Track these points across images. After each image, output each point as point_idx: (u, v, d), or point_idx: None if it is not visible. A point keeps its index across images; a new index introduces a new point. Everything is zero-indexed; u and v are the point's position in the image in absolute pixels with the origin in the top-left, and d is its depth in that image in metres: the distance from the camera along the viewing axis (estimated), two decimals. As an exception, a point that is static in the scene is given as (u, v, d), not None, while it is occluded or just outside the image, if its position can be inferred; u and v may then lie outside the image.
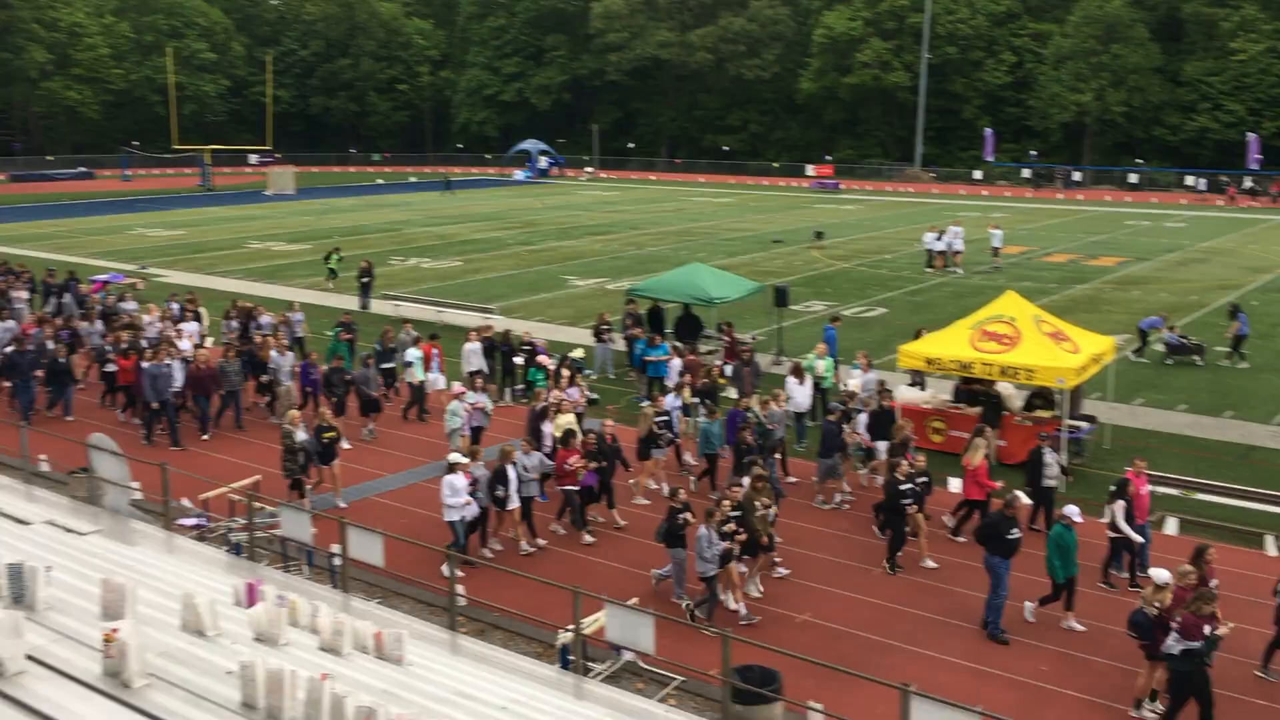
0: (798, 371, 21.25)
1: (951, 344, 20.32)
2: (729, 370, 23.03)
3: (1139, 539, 15.14)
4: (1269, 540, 16.58)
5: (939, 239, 42.92)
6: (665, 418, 18.72)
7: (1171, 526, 17.14)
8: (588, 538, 16.70)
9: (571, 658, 11.52)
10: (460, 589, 13.35)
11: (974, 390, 20.97)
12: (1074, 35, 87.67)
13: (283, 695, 6.17)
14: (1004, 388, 20.68)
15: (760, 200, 77.16)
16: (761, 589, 14.85)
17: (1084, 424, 20.27)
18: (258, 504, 14.39)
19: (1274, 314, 33.24)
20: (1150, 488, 15.66)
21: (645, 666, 12.40)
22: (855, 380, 21.16)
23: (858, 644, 13.58)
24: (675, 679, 12.16)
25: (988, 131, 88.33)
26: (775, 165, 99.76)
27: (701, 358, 24.55)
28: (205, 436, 21.68)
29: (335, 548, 13.35)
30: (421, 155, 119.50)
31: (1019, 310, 20.51)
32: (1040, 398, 20.59)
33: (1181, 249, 49.59)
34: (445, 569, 13.57)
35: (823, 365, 22.48)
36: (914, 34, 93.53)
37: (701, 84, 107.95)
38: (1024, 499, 14.60)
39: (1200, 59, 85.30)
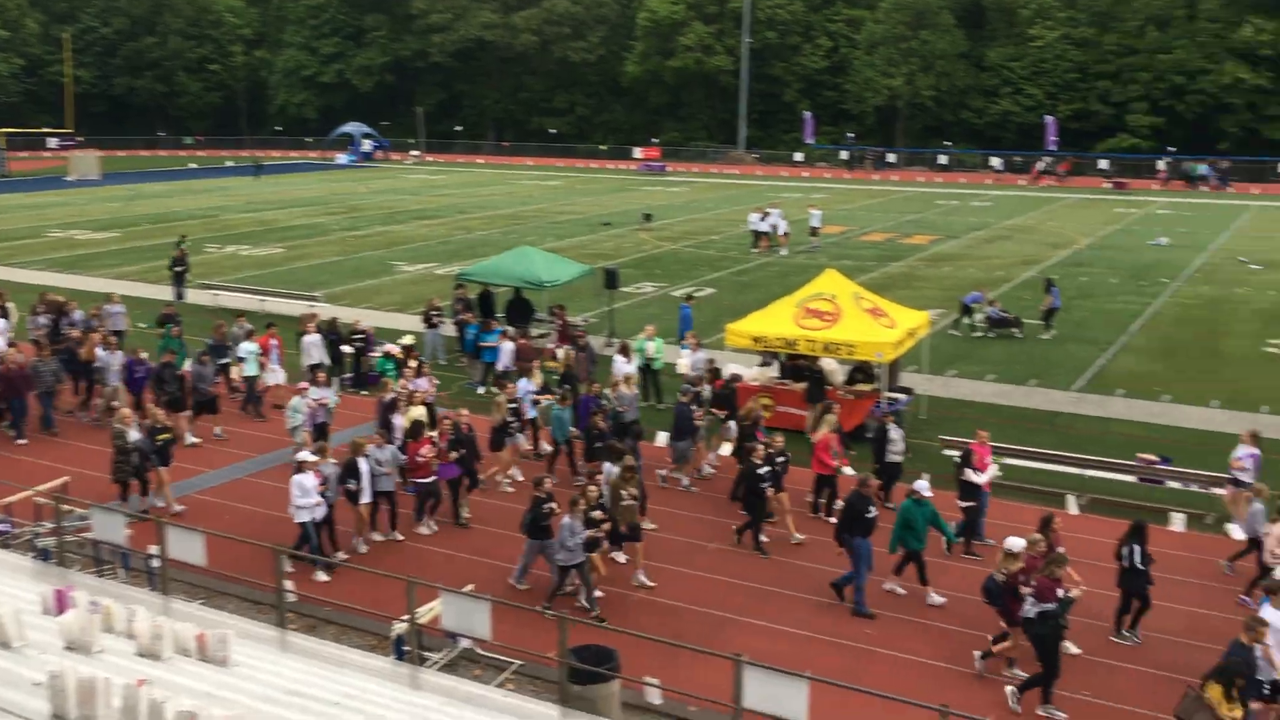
0: (625, 351, 21.43)
1: (777, 322, 20.86)
2: (562, 354, 23.05)
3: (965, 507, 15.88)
4: (1070, 499, 17.67)
5: (763, 220, 43.93)
6: (516, 405, 18.56)
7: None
8: (424, 529, 16.43)
9: (406, 648, 11.36)
10: (289, 585, 12.98)
11: (799, 366, 21.60)
12: (885, 21, 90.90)
13: (96, 704, 5.88)
14: (827, 363, 21.37)
15: (588, 183, 77.33)
16: (652, 582, 14.74)
17: (901, 396, 21.13)
18: (67, 507, 13.62)
19: (1073, 287, 35.31)
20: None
21: (483, 653, 12.33)
22: (685, 360, 21.49)
23: (696, 619, 13.85)
24: (513, 663, 12.13)
25: (807, 115, 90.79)
26: (602, 148, 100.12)
27: (534, 341, 24.48)
28: (22, 441, 20.29)
29: (153, 549, 12.76)
30: (237, 138, 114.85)
31: (839, 288, 21.21)
32: (861, 372, 21.36)
33: (988, 227, 52.16)
34: (289, 568, 13.19)
35: (652, 346, 22.73)
36: (735, 18, 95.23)
37: (527, 66, 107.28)
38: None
39: (1002, 45, 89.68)
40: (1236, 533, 16.34)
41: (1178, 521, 16.99)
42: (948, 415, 21.71)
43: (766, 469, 15.82)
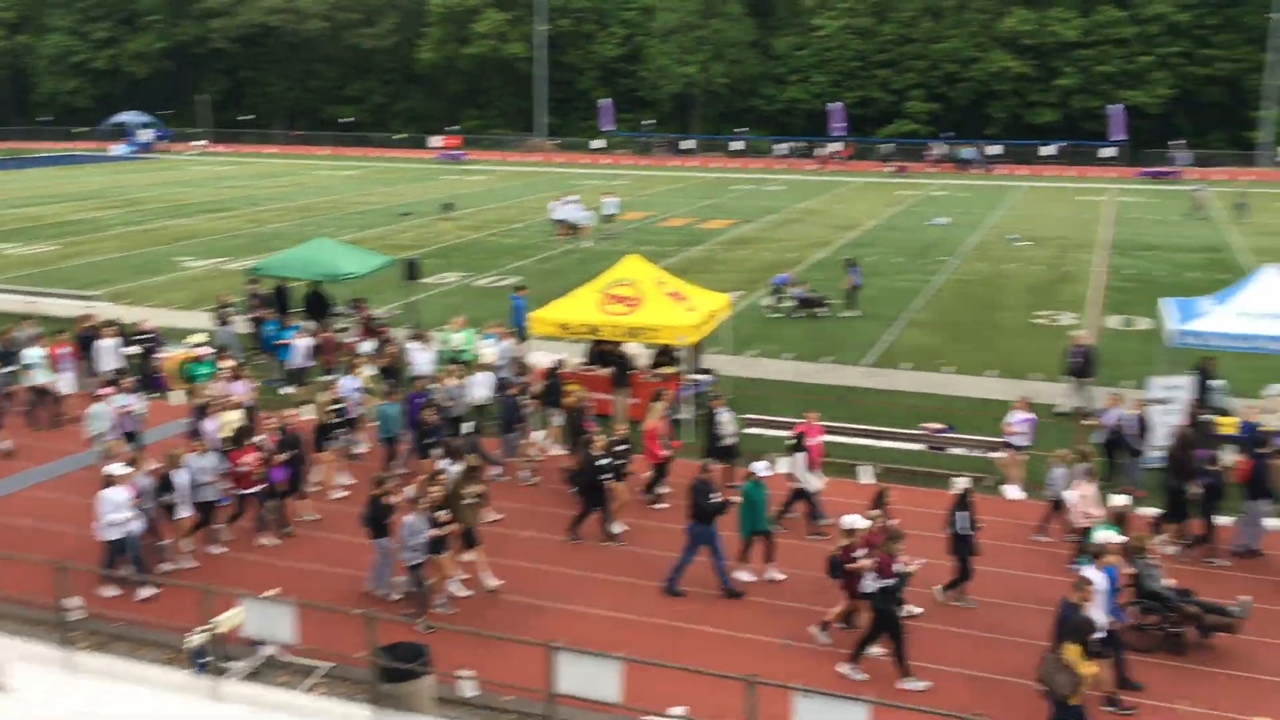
0: (420, 337, 21.18)
1: (581, 308, 21.01)
2: (366, 348, 22.54)
3: (817, 486, 16.42)
4: (862, 469, 18.53)
5: (565, 208, 44.07)
6: (340, 404, 17.95)
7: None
8: (265, 540, 15.79)
9: (206, 659, 10.93)
10: (77, 600, 12.28)
11: (605, 352, 21.83)
12: (677, 10, 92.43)
13: None
14: (632, 348, 21.68)
15: (386, 173, 75.68)
16: (497, 582, 14.47)
17: (704, 377, 21.65)
18: None
19: (862, 267, 36.83)
20: (773, 432, 17.05)
21: (291, 658, 12.00)
22: (491, 350, 21.39)
23: (509, 608, 13.85)
24: (322, 666, 11.86)
25: (604, 102, 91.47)
26: (399, 137, 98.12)
27: (336, 336, 23.85)
28: None
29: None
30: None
31: (641, 273, 21.54)
32: (665, 355, 21.77)
33: (781, 210, 53.91)
34: (106, 592, 12.44)
35: (459, 337, 22.52)
36: (529, 5, 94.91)
37: (317, 53, 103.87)
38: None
39: (788, 34, 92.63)
40: (1011, 493, 17.52)
41: (960, 485, 18.04)
42: (749, 394, 22.38)
43: (607, 459, 15.76)
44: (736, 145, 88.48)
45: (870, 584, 12.23)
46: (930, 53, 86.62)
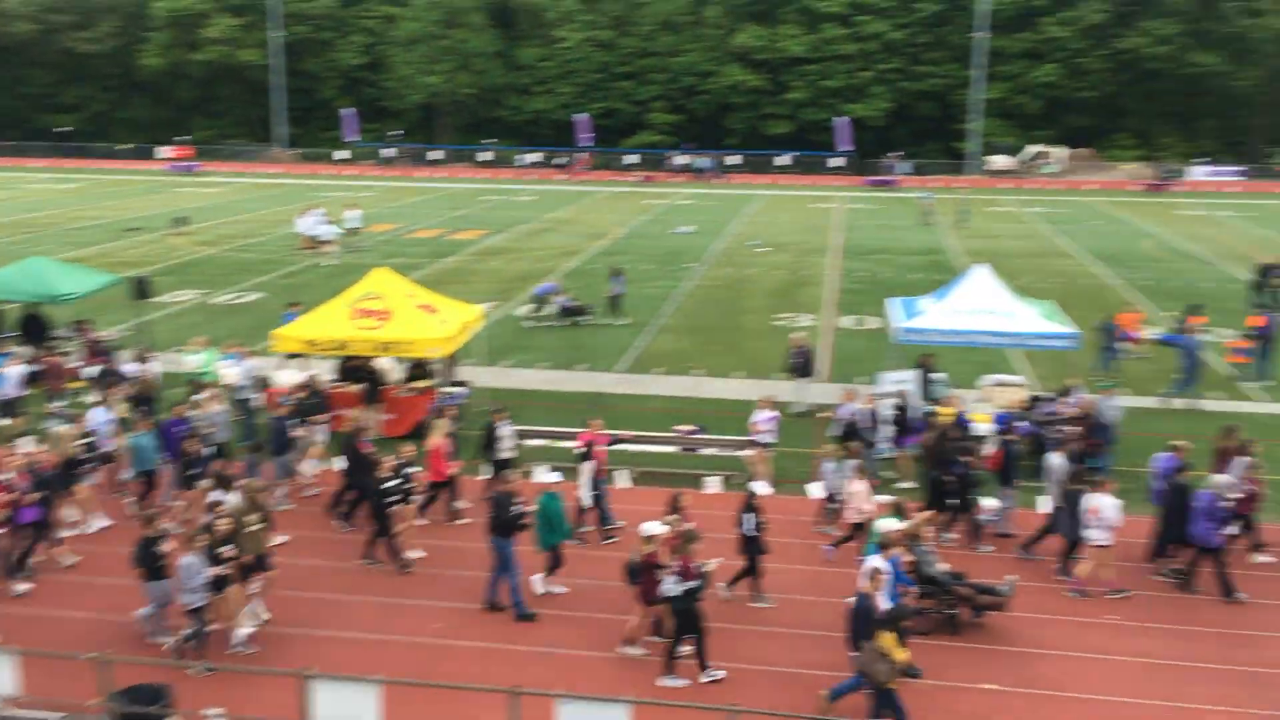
0: (140, 358, 20.09)
1: (329, 324, 20.41)
2: (91, 372, 21.07)
3: (589, 501, 16.54)
4: (617, 475, 18.86)
5: (311, 222, 42.62)
6: (90, 438, 16.54)
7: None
8: (20, 586, 14.41)
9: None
10: None
11: (355, 367, 21.29)
12: (419, 19, 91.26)
13: None
14: (383, 362, 21.24)
15: (111, 186, 70.85)
16: (268, 614, 13.74)
17: (460, 389, 21.48)
18: None
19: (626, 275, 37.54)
20: (530, 441, 17.09)
21: (15, 712, 11.06)
22: (233, 370, 20.44)
23: (284, 641, 13.27)
24: (51, 718, 11.00)
25: (347, 112, 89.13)
26: (125, 147, 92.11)
27: (60, 360, 22.15)
28: None
29: None
30: None
31: (390, 286, 21.14)
32: (419, 369, 21.45)
33: (532, 220, 54.15)
34: None
35: (197, 359, 21.42)
36: (264, 11, 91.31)
37: (27, 57, 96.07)
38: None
39: (532, 45, 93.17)
40: (760, 489, 18.26)
41: (713, 484, 18.71)
42: (506, 405, 22.32)
43: (395, 481, 15.28)
44: (485, 156, 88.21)
45: (672, 587, 12.41)
46: (670, 66, 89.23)
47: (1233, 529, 15.08)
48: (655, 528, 13.19)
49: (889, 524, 13.62)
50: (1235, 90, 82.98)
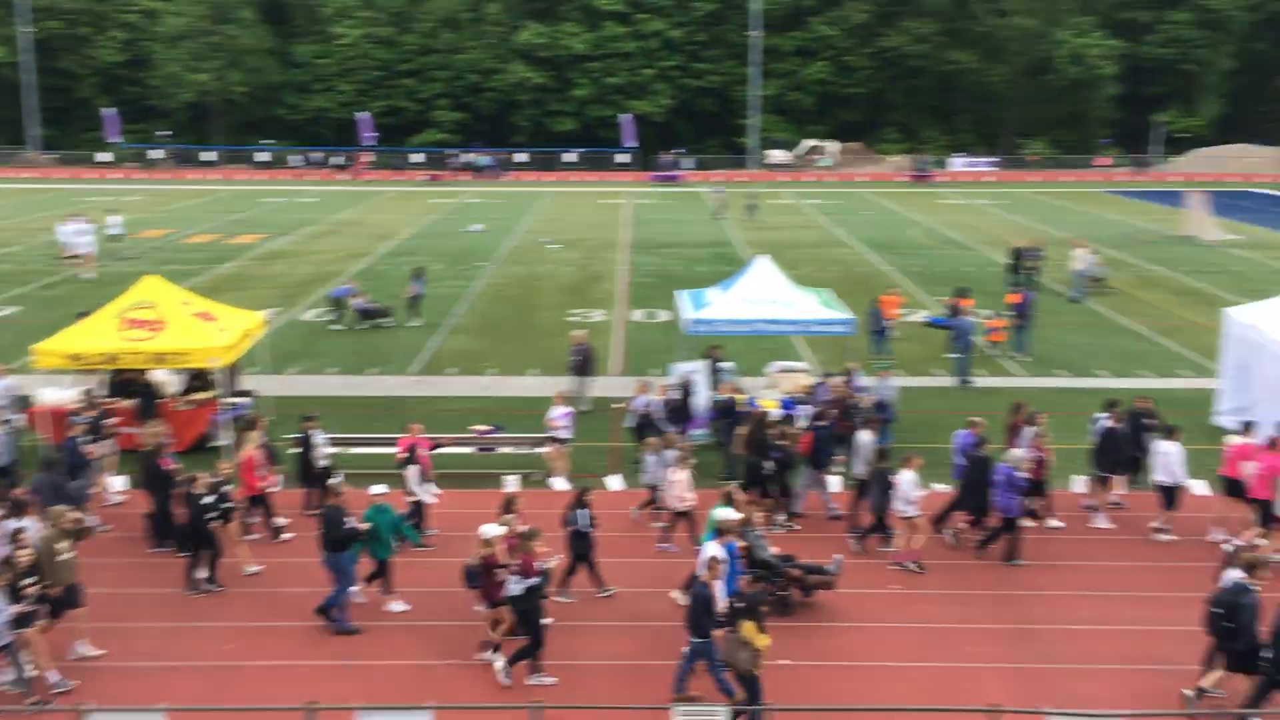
0: None
1: (96, 337, 19.21)
2: None
3: (431, 499, 16.30)
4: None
5: (72, 230, 39.88)
6: None
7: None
8: None
9: None
10: None
11: (127, 381, 20.16)
12: (184, 14, 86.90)
13: None
14: (159, 375, 20.21)
15: None
16: (92, 650, 12.78)
17: (243, 400, 20.66)
18: None
19: (400, 276, 36.81)
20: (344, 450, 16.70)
21: None
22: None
23: (94, 675, 12.41)
24: None
25: (109, 112, 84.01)
26: None
27: None
28: None
29: None
30: None
31: (162, 294, 20.10)
32: (199, 380, 20.51)
33: (316, 223, 52.53)
34: None
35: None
36: (10, 5, 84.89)
37: None
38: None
39: (308, 42, 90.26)
40: (559, 484, 18.39)
41: (512, 483, 18.68)
42: (295, 412, 21.59)
43: (212, 498, 14.48)
44: (263, 156, 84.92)
45: (515, 586, 12.31)
46: (453, 63, 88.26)
47: (1030, 499, 16.12)
48: (493, 529, 13.05)
49: (725, 512, 13.82)
50: (988, 86, 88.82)
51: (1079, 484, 18.24)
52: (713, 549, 12.79)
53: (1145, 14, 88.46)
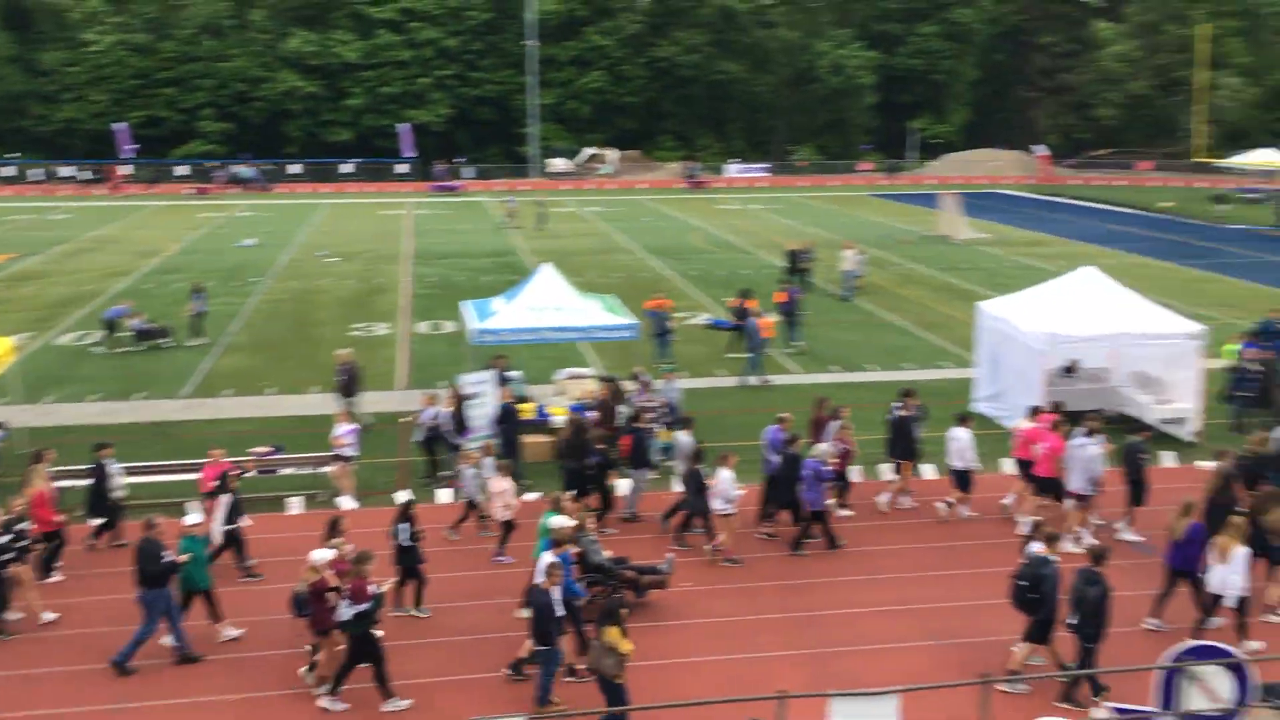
0: None
1: None
2: None
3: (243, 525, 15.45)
4: (189, 506, 17.68)
5: None
6: None
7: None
8: None
9: None
10: None
11: None
12: (-89, 17, 79.97)
13: None
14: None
15: None
16: None
17: (-5, 433, 19.19)
18: None
19: (168, 295, 35.06)
20: (69, 483, 15.64)
21: None
22: None
23: None
24: None
25: None
26: None
27: None
28: None
29: None
30: None
31: (-105, 323, 18.43)
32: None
33: (70, 240, 49.29)
34: None
35: None
36: None
37: None
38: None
39: (55, 49, 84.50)
40: (346, 504, 17.91)
41: (296, 504, 18.08)
42: (52, 443, 20.18)
43: (6, 538, 13.33)
44: (7, 171, 78.94)
45: (347, 611, 11.91)
46: (217, 71, 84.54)
47: (833, 492, 16.76)
48: (323, 554, 12.58)
49: (559, 520, 13.75)
50: (756, 95, 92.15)
51: (886, 473, 18.85)
52: (550, 557, 12.80)
53: (898, 26, 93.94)
